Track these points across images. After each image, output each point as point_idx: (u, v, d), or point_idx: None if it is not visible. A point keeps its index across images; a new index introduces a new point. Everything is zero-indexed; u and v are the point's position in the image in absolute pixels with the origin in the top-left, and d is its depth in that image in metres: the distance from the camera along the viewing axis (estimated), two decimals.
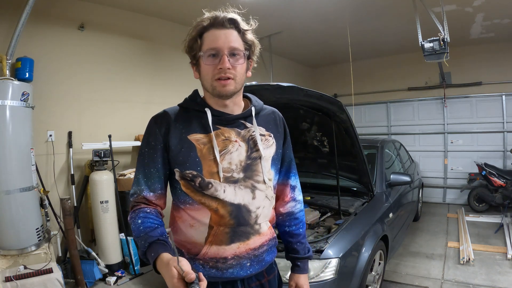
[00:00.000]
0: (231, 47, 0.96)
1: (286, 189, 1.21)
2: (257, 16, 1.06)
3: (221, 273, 1.01)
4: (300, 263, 1.20)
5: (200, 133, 1.01)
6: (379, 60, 6.72)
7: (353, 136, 2.53)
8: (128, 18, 3.90)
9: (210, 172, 0.99)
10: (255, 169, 1.03)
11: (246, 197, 1.01)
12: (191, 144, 0.99)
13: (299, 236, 1.21)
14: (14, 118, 2.57)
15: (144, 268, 3.40)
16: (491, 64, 5.67)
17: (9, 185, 2.53)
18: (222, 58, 0.95)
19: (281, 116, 1.19)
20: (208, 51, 0.97)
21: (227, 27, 0.97)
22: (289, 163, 1.21)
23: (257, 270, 1.05)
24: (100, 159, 3.26)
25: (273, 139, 1.10)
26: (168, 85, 4.34)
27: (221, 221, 0.99)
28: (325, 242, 2.04)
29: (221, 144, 1.00)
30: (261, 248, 1.05)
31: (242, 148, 1.02)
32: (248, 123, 1.06)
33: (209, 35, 0.98)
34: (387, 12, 4.24)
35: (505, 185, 4.85)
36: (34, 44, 3.06)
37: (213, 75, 0.97)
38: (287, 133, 1.19)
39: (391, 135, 6.53)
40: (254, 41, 1.04)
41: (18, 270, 2.45)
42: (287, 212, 1.21)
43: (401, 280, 3.05)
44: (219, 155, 0.99)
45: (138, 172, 1.04)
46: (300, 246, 1.20)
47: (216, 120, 1.02)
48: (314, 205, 2.84)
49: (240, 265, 1.02)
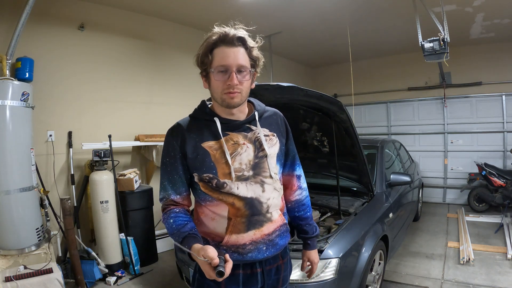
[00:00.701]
0: (239, 65, 1.09)
1: (293, 179, 1.37)
2: (257, 16, 1.08)
3: (242, 257, 1.16)
4: (310, 242, 1.40)
5: (212, 140, 1.16)
6: (379, 60, 6.72)
7: (353, 136, 2.53)
8: (128, 18, 3.90)
9: (224, 173, 1.14)
10: (262, 166, 1.18)
11: (257, 191, 1.16)
12: (205, 151, 1.14)
13: (307, 219, 1.40)
14: (14, 118, 2.57)
15: (144, 268, 3.41)
16: (491, 64, 5.66)
17: (9, 185, 2.53)
18: (231, 76, 1.08)
19: (282, 116, 1.33)
20: (218, 67, 1.09)
21: (236, 45, 1.09)
22: (293, 157, 1.37)
23: (272, 253, 1.21)
24: (100, 159, 3.26)
25: (276, 138, 1.25)
26: (168, 85, 4.34)
27: (237, 213, 1.15)
28: (325, 242, 2.04)
29: (231, 147, 1.15)
30: (274, 234, 1.20)
31: (250, 149, 1.17)
32: (253, 126, 1.21)
33: (219, 52, 1.09)
34: (387, 12, 4.24)
35: (505, 185, 4.85)
36: (34, 44, 3.06)
37: (222, 89, 1.10)
38: (289, 131, 1.33)
39: (391, 135, 6.53)
40: (259, 56, 1.17)
41: (18, 270, 2.45)
42: (295, 199, 1.38)
43: (401, 280, 3.05)
44: (230, 158, 1.14)
45: (163, 179, 1.20)
46: (309, 227, 1.40)
47: (225, 127, 1.17)
48: (314, 205, 2.83)
49: (257, 249, 1.17)
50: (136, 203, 3.48)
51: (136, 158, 4.00)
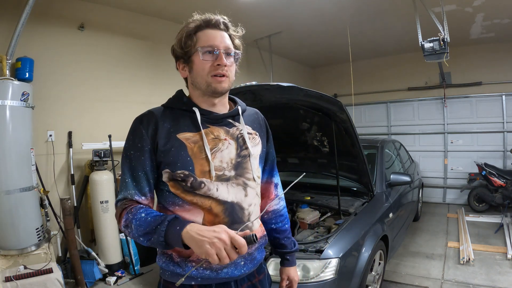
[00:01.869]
0: (227, 47, 1.00)
1: (271, 187, 1.24)
2: (257, 16, 1.08)
3: (215, 273, 0.99)
4: (289, 257, 1.25)
5: (190, 132, 1.00)
6: (379, 60, 6.72)
7: (353, 136, 2.52)
8: (128, 18, 3.90)
9: (202, 171, 0.97)
10: (245, 166, 1.04)
11: (238, 195, 1.01)
12: (181, 143, 0.98)
13: (286, 231, 1.26)
14: (14, 118, 2.57)
15: (144, 268, 3.41)
16: (491, 64, 5.66)
17: (9, 185, 2.53)
18: (219, 55, 0.98)
19: (263, 116, 1.22)
20: (205, 47, 0.98)
21: (221, 29, 1.02)
22: (273, 162, 1.24)
23: (250, 269, 1.05)
24: (100, 159, 3.26)
25: (259, 138, 1.13)
26: (168, 85, 4.33)
27: (215, 220, 0.97)
28: (325, 242, 2.04)
29: (211, 142, 1.00)
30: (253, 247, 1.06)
31: (232, 146, 1.03)
32: (236, 122, 1.08)
33: (205, 33, 1.00)
34: (387, 12, 4.24)
35: (505, 185, 4.85)
36: (34, 44, 3.06)
37: (209, 71, 0.98)
38: (270, 133, 1.22)
39: (391, 135, 6.53)
40: (241, 46, 1.08)
41: (18, 270, 2.45)
42: (273, 210, 1.25)
43: (401, 280, 3.05)
44: (210, 153, 0.98)
45: (124, 176, 0.99)
46: (287, 241, 1.25)
47: (205, 119, 1.02)
48: (314, 205, 2.84)
49: (235, 264, 1.01)
50: None
51: None
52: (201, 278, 0.99)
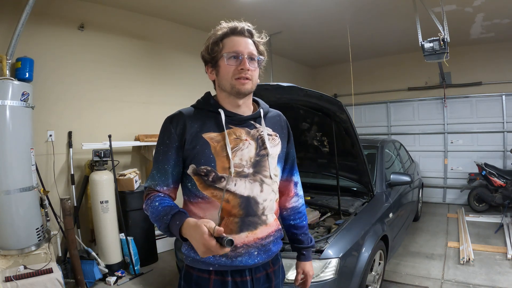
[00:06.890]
0: (250, 52, 1.10)
1: (290, 185, 1.33)
2: (257, 16, 1.09)
3: (230, 261, 1.09)
4: (305, 252, 1.34)
5: (214, 132, 1.11)
6: (379, 60, 6.72)
7: (353, 136, 2.53)
8: (128, 18, 3.90)
9: (223, 168, 1.08)
10: (263, 165, 1.14)
11: (254, 190, 1.11)
12: (205, 142, 1.09)
13: (303, 228, 1.35)
14: (14, 118, 2.57)
15: (144, 268, 3.41)
16: (491, 64, 5.67)
17: (9, 185, 2.53)
18: (243, 60, 1.07)
19: (285, 118, 1.31)
20: (230, 53, 1.08)
21: (246, 36, 1.11)
22: (293, 161, 1.33)
23: (264, 259, 1.14)
24: (100, 159, 3.26)
25: (279, 139, 1.22)
26: (168, 85, 4.34)
27: (231, 212, 1.08)
28: (325, 242, 2.04)
29: (233, 142, 1.10)
30: (267, 238, 1.15)
31: (251, 146, 1.13)
32: (257, 123, 1.17)
33: (230, 40, 1.10)
34: (387, 12, 4.24)
35: (505, 185, 4.85)
36: (34, 44, 3.06)
37: (233, 74, 1.08)
38: (291, 134, 1.31)
39: (391, 135, 6.54)
40: (265, 52, 1.17)
41: (18, 270, 2.45)
42: (291, 206, 1.34)
43: (401, 280, 3.05)
44: (231, 152, 1.08)
45: (153, 168, 1.14)
46: (305, 237, 1.34)
47: (229, 120, 1.12)
48: (314, 205, 2.84)
49: (249, 253, 1.10)
50: (136, 203, 3.47)
51: (136, 158, 4.00)
52: (218, 265, 1.09)
